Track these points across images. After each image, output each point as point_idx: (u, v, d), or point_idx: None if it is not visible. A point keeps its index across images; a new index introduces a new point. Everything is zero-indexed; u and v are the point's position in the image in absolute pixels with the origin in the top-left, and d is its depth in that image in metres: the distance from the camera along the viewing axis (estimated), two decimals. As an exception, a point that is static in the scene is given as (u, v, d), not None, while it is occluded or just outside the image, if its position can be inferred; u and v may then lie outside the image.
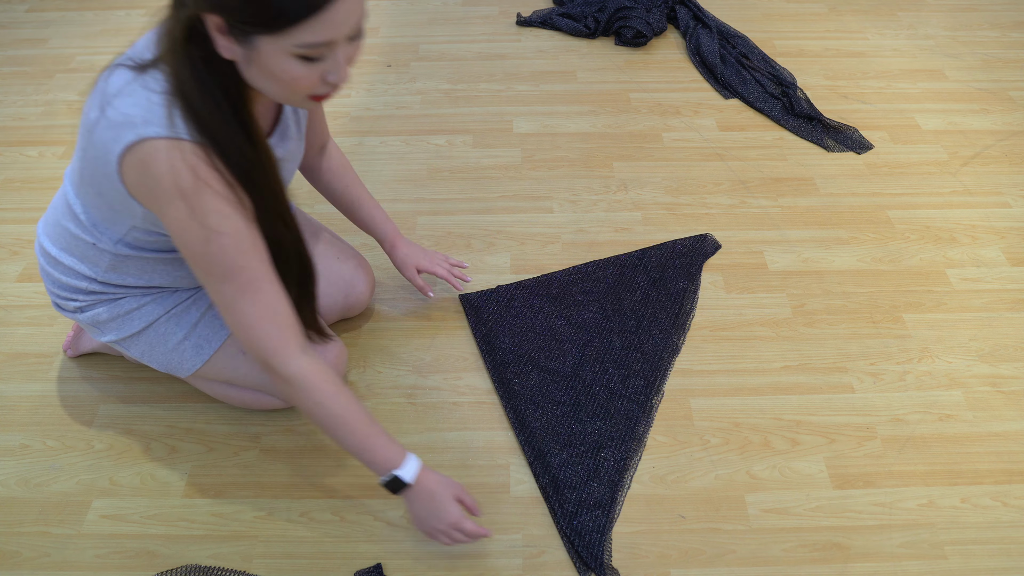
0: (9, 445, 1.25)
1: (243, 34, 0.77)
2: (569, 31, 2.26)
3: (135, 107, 0.83)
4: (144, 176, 0.84)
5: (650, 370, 1.35)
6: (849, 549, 1.12)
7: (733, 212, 1.67)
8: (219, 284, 0.90)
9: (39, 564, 1.11)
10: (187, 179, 0.83)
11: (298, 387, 0.94)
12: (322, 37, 0.77)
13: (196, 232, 0.86)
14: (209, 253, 0.87)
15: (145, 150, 0.82)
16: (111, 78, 0.87)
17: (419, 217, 1.66)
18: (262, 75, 0.82)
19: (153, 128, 0.82)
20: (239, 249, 0.88)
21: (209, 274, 0.90)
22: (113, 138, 0.84)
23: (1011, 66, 2.11)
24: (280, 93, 0.84)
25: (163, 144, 0.82)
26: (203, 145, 0.84)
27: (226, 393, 1.25)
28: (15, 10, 2.40)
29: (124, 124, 0.83)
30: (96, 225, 1.00)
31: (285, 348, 0.93)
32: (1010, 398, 1.31)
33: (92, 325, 1.13)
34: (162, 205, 0.85)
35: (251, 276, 0.90)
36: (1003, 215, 1.66)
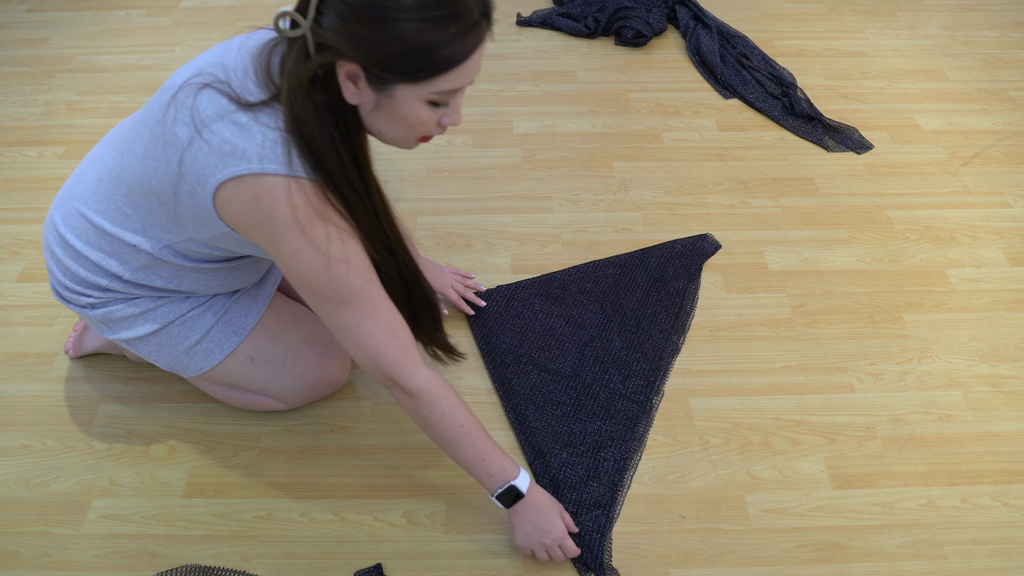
0: (9, 445, 1.25)
1: (381, 82, 0.81)
2: (569, 31, 2.26)
3: (248, 141, 0.84)
4: (253, 209, 0.86)
5: (650, 370, 1.35)
6: (849, 549, 1.12)
7: (733, 212, 1.67)
8: (338, 309, 0.93)
9: (39, 564, 1.11)
10: (306, 214, 0.86)
11: (425, 400, 0.97)
12: (456, 84, 0.83)
13: (315, 262, 0.89)
14: (329, 280, 0.90)
15: (261, 185, 0.85)
16: (201, 97, 0.87)
17: (419, 217, 1.66)
18: (389, 119, 0.86)
19: (270, 165, 0.84)
20: (357, 274, 0.91)
21: (329, 301, 0.92)
22: (215, 164, 0.86)
23: (1011, 66, 2.11)
24: (398, 135, 0.89)
25: (281, 181, 0.84)
26: (319, 184, 0.87)
27: (228, 395, 1.25)
28: (15, 10, 2.40)
29: (231, 154, 0.85)
30: (145, 229, 0.99)
31: (409, 362, 0.96)
32: (1010, 398, 1.31)
33: (101, 322, 1.10)
34: (277, 238, 0.88)
35: (369, 297, 0.93)
36: (1003, 215, 1.66)
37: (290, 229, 0.86)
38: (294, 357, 1.19)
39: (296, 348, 1.19)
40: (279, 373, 1.19)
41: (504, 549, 1.12)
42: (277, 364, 1.18)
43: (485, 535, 1.14)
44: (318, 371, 1.21)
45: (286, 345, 1.18)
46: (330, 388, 1.25)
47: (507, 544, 1.13)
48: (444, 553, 1.12)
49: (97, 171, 1.03)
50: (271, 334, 1.17)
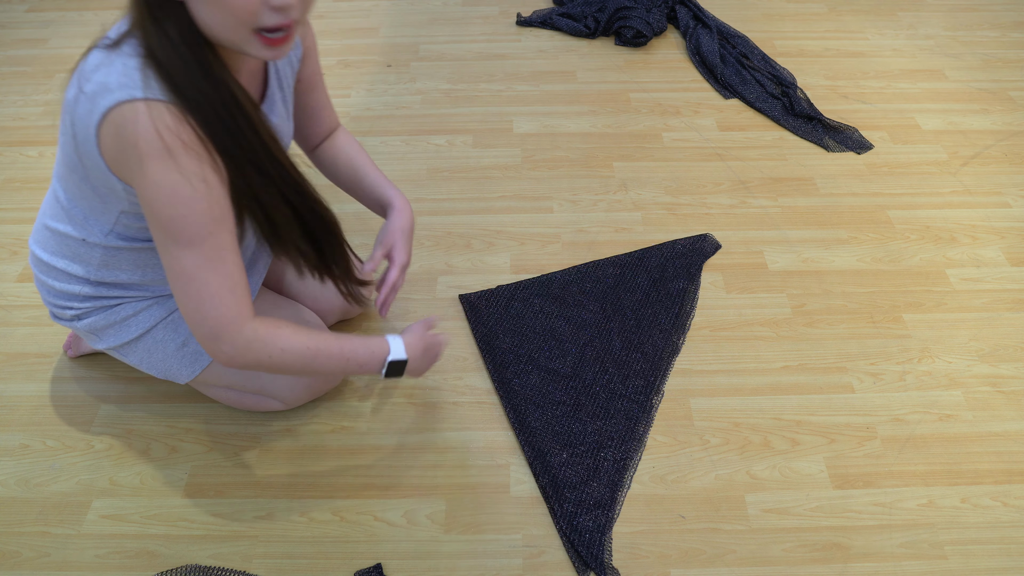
0: (9, 445, 1.25)
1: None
2: (569, 31, 2.26)
3: (110, 75, 0.83)
4: (120, 140, 0.83)
5: (650, 370, 1.35)
6: (849, 549, 1.12)
7: (733, 212, 1.67)
8: (183, 250, 0.88)
9: (39, 564, 1.11)
10: (167, 138, 0.82)
11: (260, 344, 0.93)
12: None
13: (169, 193, 0.85)
14: (179, 216, 0.86)
15: (121, 113, 0.82)
16: (87, 59, 0.87)
17: (419, 217, 1.66)
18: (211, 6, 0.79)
19: (128, 91, 0.82)
20: (211, 216, 0.87)
21: (175, 240, 0.88)
22: (90, 110, 0.84)
23: (1011, 66, 2.11)
24: (226, 26, 0.81)
25: (140, 105, 0.81)
26: (179, 106, 0.83)
27: (227, 396, 1.25)
28: (15, 10, 2.40)
29: (100, 93, 0.83)
30: (86, 218, 0.99)
31: (242, 315, 0.92)
32: (1010, 398, 1.31)
33: (90, 332, 1.12)
34: (136, 168, 0.84)
35: (219, 244, 0.89)
36: (1003, 215, 1.66)
37: (153, 154, 0.82)
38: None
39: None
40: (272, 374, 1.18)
41: (504, 549, 1.12)
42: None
43: (485, 535, 1.14)
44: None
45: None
46: (327, 384, 1.24)
47: (507, 544, 1.13)
48: (444, 553, 1.12)
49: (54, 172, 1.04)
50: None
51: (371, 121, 1.93)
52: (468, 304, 1.46)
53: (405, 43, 2.23)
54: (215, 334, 0.92)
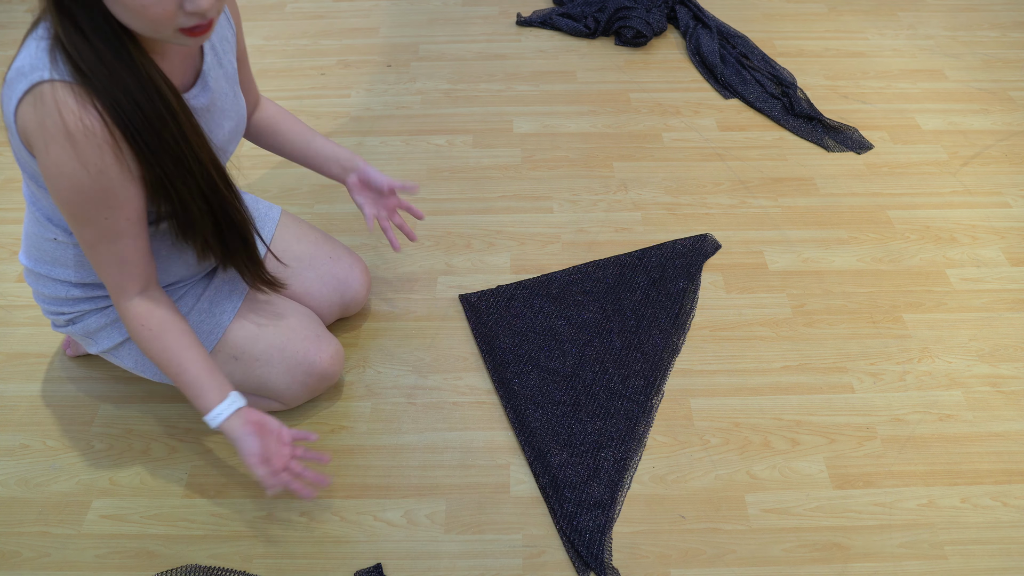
0: (9, 445, 1.25)
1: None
2: (569, 31, 2.26)
3: (24, 58, 0.83)
4: (32, 121, 0.83)
5: (650, 370, 1.35)
6: (849, 549, 1.12)
7: (733, 212, 1.67)
8: (83, 227, 0.91)
9: (39, 564, 1.11)
10: (69, 121, 0.82)
11: (131, 323, 1.00)
12: None
13: (67, 177, 0.85)
14: (75, 201, 0.88)
15: (33, 95, 0.82)
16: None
17: (419, 217, 1.66)
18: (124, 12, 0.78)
19: (39, 73, 0.81)
20: (107, 204, 0.89)
21: (73, 216, 0.90)
22: (9, 96, 0.84)
23: (1011, 66, 2.11)
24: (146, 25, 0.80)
25: (47, 86, 0.81)
26: (86, 88, 0.82)
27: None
28: (15, 10, 2.40)
29: (16, 77, 0.83)
30: (49, 217, 1.00)
31: (124, 291, 0.98)
32: (1010, 398, 1.31)
33: (85, 336, 1.13)
34: (42, 145, 0.84)
35: (113, 228, 0.92)
36: (1003, 215, 1.66)
37: (56, 137, 0.82)
38: (279, 352, 1.17)
39: (281, 344, 1.17)
40: (267, 371, 1.18)
41: (504, 549, 1.12)
42: (263, 362, 1.17)
43: (485, 535, 1.14)
44: (307, 364, 1.19)
45: (269, 341, 1.17)
46: (324, 381, 1.23)
47: (507, 544, 1.13)
48: (444, 553, 1.12)
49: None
50: (251, 332, 1.16)
51: (371, 121, 1.93)
52: (468, 304, 1.46)
53: (405, 43, 2.23)
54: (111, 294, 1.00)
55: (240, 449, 1.00)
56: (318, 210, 1.67)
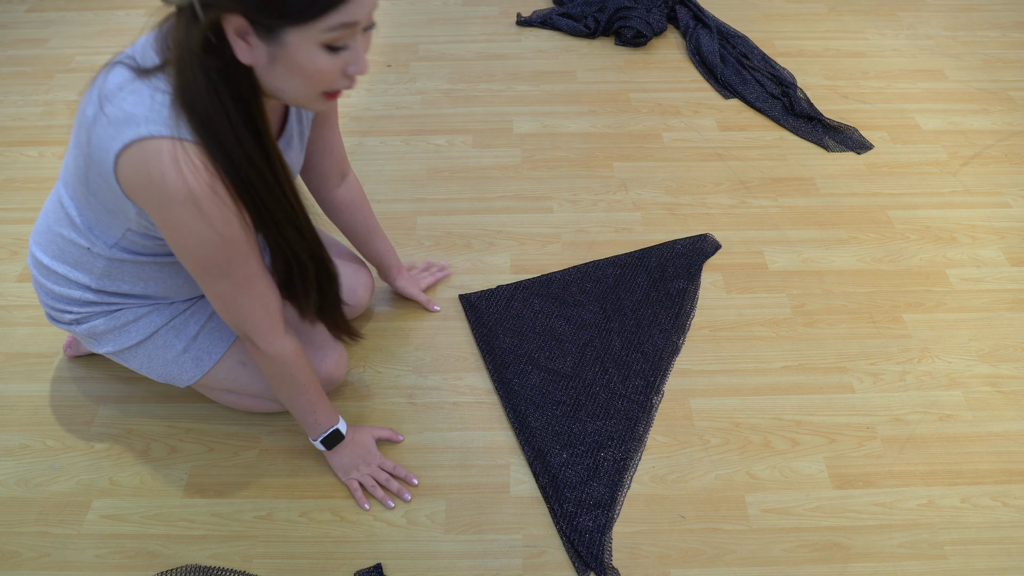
0: (9, 445, 1.25)
1: (268, 31, 0.77)
2: (569, 31, 2.26)
3: (138, 105, 0.82)
4: (143, 174, 0.83)
5: (650, 370, 1.35)
6: (849, 549, 1.12)
7: (733, 212, 1.67)
8: (216, 281, 0.93)
9: (39, 564, 1.11)
10: (191, 183, 0.82)
11: (280, 363, 1.04)
12: (349, 18, 0.77)
13: (197, 235, 0.87)
14: (208, 257, 0.90)
15: (147, 148, 0.81)
16: (109, 75, 0.85)
17: (419, 217, 1.66)
18: (286, 72, 0.81)
19: (156, 127, 0.81)
20: (240, 253, 0.91)
21: (207, 272, 0.92)
22: (112, 135, 0.83)
23: (1011, 66, 2.11)
24: (300, 90, 0.83)
25: (166, 144, 0.81)
26: (206, 149, 0.83)
27: (227, 399, 1.25)
28: (15, 10, 2.40)
29: (125, 121, 0.82)
30: (91, 228, 0.99)
31: (274, 331, 1.02)
32: (1010, 398, 1.31)
33: (89, 337, 1.12)
34: (162, 205, 0.84)
35: (247, 274, 0.94)
36: (1003, 215, 1.66)
37: (178, 197, 0.83)
38: None
39: None
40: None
41: (504, 549, 1.12)
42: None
43: (485, 535, 1.14)
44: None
45: None
46: (328, 385, 1.24)
47: (507, 544, 1.13)
48: (444, 553, 1.12)
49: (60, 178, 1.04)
50: None
51: (371, 121, 1.93)
52: (468, 304, 1.46)
53: (405, 43, 2.23)
54: (249, 338, 1.02)
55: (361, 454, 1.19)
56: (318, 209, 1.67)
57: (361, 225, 1.33)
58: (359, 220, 1.32)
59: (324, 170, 1.22)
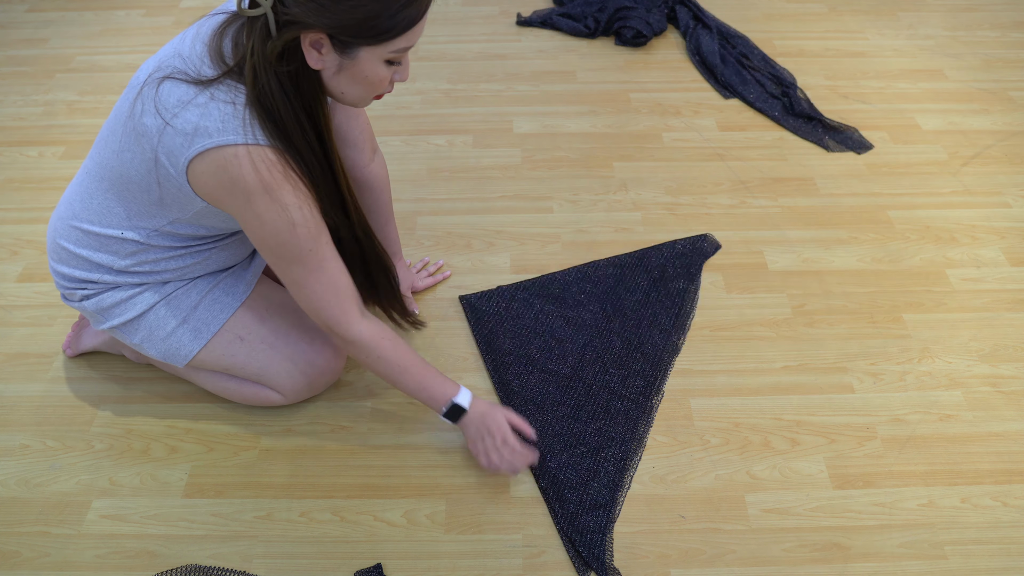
0: (9, 445, 1.25)
1: (346, 46, 0.89)
2: (569, 31, 2.26)
3: (207, 118, 0.91)
4: (221, 178, 0.93)
5: (650, 370, 1.35)
6: (849, 549, 1.12)
7: (733, 212, 1.67)
8: (291, 266, 1.01)
9: (39, 564, 1.11)
10: (267, 177, 0.93)
11: (362, 347, 1.09)
12: (411, 43, 0.92)
13: (275, 224, 0.96)
14: (287, 241, 0.98)
15: (223, 155, 0.91)
16: (163, 89, 0.94)
17: (419, 217, 1.66)
18: (351, 81, 0.93)
19: (230, 136, 0.91)
20: (310, 235, 0.99)
21: (282, 258, 1.01)
22: (183, 145, 0.93)
23: (1011, 66, 2.11)
24: (358, 95, 0.96)
25: (242, 149, 0.91)
26: (278, 149, 0.94)
27: (226, 386, 1.25)
28: (15, 10, 2.40)
29: (196, 134, 0.91)
30: (130, 219, 1.06)
31: (347, 316, 1.06)
32: (1010, 398, 1.31)
33: (96, 312, 1.15)
34: (242, 202, 0.95)
35: (319, 257, 1.02)
36: (1003, 215, 1.66)
37: (254, 192, 0.93)
38: (284, 339, 1.20)
39: (286, 330, 1.21)
40: (271, 355, 1.19)
41: (504, 549, 1.12)
42: (268, 345, 1.19)
43: (485, 535, 1.14)
44: (310, 354, 1.22)
45: (275, 327, 1.20)
46: (325, 376, 1.24)
47: (507, 544, 1.13)
48: (444, 553, 1.12)
49: (80, 175, 1.11)
50: (259, 315, 1.20)
51: (371, 121, 1.93)
52: (468, 304, 1.46)
53: (405, 43, 2.23)
54: (327, 328, 1.08)
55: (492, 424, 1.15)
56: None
57: (385, 206, 1.37)
58: (384, 200, 1.37)
59: (354, 138, 1.27)
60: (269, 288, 1.25)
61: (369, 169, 1.31)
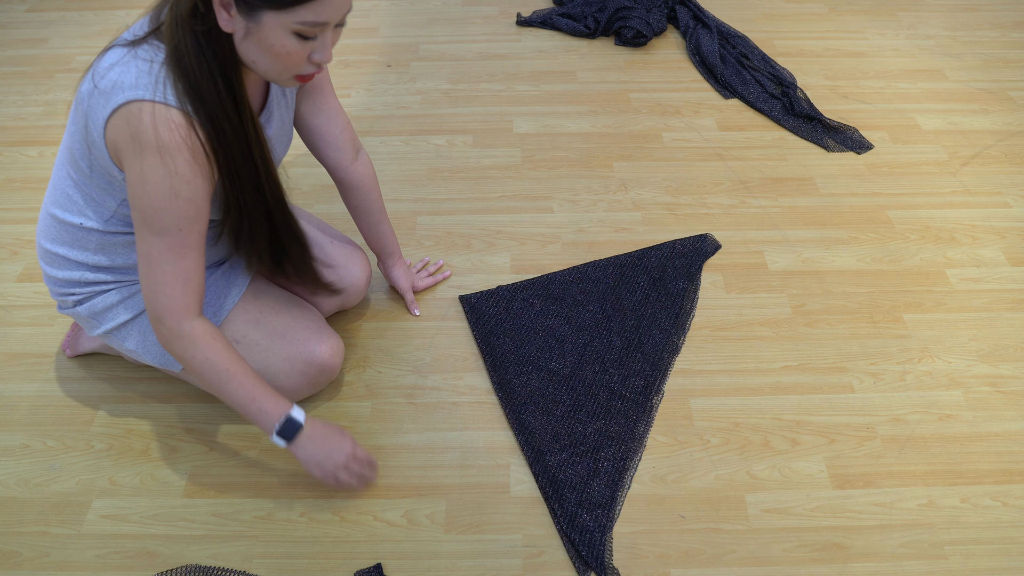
0: (9, 445, 1.25)
1: (250, 8, 0.86)
2: (569, 31, 2.26)
3: (125, 74, 0.90)
4: (124, 132, 0.90)
5: (650, 370, 1.35)
6: (849, 549, 1.12)
7: (733, 212, 1.67)
8: (154, 237, 0.96)
9: (39, 564, 1.11)
10: (166, 137, 0.90)
11: (190, 343, 1.01)
12: (320, 18, 0.87)
13: (158, 187, 0.92)
14: (161, 209, 0.94)
15: (130, 109, 0.89)
16: (104, 56, 0.94)
17: (419, 217, 1.66)
18: (258, 48, 0.90)
19: (140, 91, 0.89)
20: (188, 215, 0.95)
21: (150, 226, 0.96)
22: (103, 103, 0.91)
23: (1011, 66, 2.11)
24: (270, 67, 0.92)
25: (148, 105, 0.89)
26: (186, 113, 0.91)
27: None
28: (15, 10, 2.40)
29: (114, 90, 0.90)
30: (88, 204, 1.05)
31: (186, 309, 1.01)
32: (1010, 398, 1.31)
33: (89, 317, 1.14)
34: (134, 157, 0.91)
35: (185, 242, 0.98)
36: (1003, 215, 1.66)
37: (148, 148, 0.90)
38: (280, 340, 1.19)
39: (282, 331, 1.19)
40: (267, 357, 1.18)
41: (504, 549, 1.12)
42: (264, 347, 1.18)
43: (485, 535, 1.14)
44: (307, 353, 1.20)
45: (270, 329, 1.19)
46: (324, 374, 1.23)
47: (507, 544, 1.13)
48: (444, 553, 1.12)
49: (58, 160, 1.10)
50: (253, 317, 1.19)
51: (371, 121, 1.93)
52: (468, 304, 1.46)
53: (405, 43, 2.23)
54: (158, 316, 1.01)
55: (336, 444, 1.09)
56: (318, 209, 1.67)
57: (374, 205, 1.35)
58: (372, 200, 1.34)
59: (334, 139, 1.25)
60: (262, 288, 1.24)
61: (353, 169, 1.29)
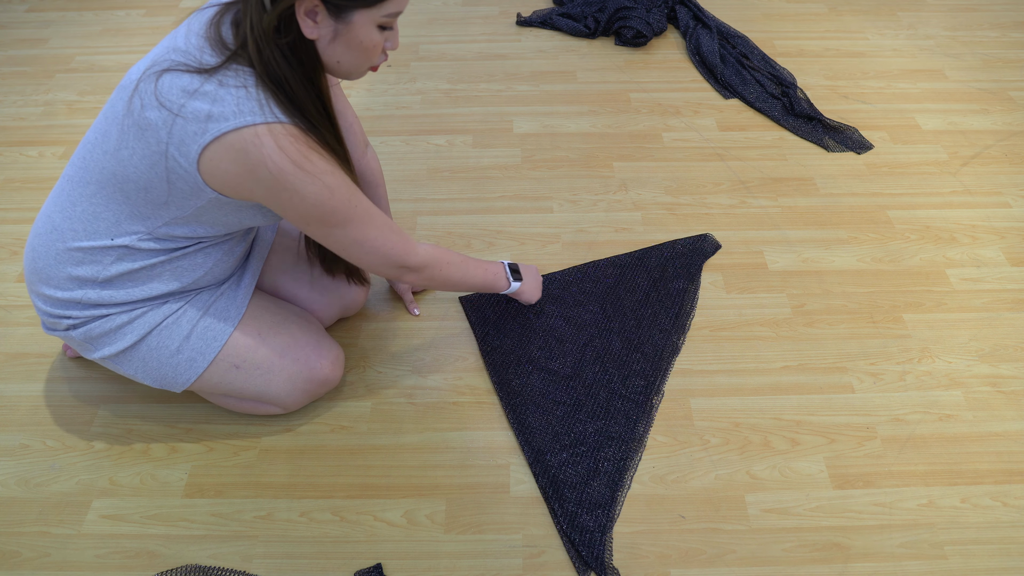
0: (9, 445, 1.25)
1: (340, 11, 0.90)
2: (569, 31, 2.26)
3: (220, 105, 0.90)
4: (242, 161, 0.91)
5: (650, 370, 1.35)
6: (849, 549, 1.12)
7: (733, 212, 1.67)
8: (343, 229, 1.02)
9: (39, 564, 1.11)
10: (294, 152, 0.92)
11: (432, 265, 1.14)
12: (400, 8, 0.94)
13: (317, 195, 0.96)
14: (333, 208, 0.99)
15: (243, 136, 0.90)
16: (163, 81, 0.92)
17: (419, 217, 1.66)
18: (345, 47, 0.94)
19: (248, 117, 0.90)
20: (350, 193, 1.00)
21: (332, 225, 1.01)
22: (195, 132, 0.90)
23: (1011, 66, 2.11)
24: (353, 63, 0.97)
25: (262, 128, 0.90)
26: (296, 123, 0.94)
27: (226, 402, 1.25)
28: (15, 10, 2.40)
29: (209, 120, 0.90)
30: (119, 223, 1.01)
31: (409, 244, 1.10)
32: (1010, 398, 1.31)
33: (85, 342, 1.10)
34: (274, 183, 0.93)
35: (364, 208, 1.03)
36: (1003, 215, 1.66)
37: (286, 170, 0.92)
38: (281, 359, 1.18)
39: (282, 350, 1.18)
40: (268, 379, 1.18)
41: (504, 549, 1.12)
42: (264, 370, 1.17)
43: (485, 535, 1.14)
44: (308, 371, 1.20)
45: (272, 348, 1.17)
46: (324, 387, 1.24)
47: (507, 544, 1.13)
48: (444, 553, 1.12)
49: (60, 186, 1.05)
50: (253, 339, 1.16)
51: (371, 121, 1.93)
52: (468, 304, 1.46)
53: (405, 43, 2.23)
54: (398, 264, 1.10)
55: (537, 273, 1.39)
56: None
57: (380, 201, 1.38)
58: (379, 195, 1.37)
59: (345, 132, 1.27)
60: (262, 307, 1.21)
61: (363, 162, 1.32)
